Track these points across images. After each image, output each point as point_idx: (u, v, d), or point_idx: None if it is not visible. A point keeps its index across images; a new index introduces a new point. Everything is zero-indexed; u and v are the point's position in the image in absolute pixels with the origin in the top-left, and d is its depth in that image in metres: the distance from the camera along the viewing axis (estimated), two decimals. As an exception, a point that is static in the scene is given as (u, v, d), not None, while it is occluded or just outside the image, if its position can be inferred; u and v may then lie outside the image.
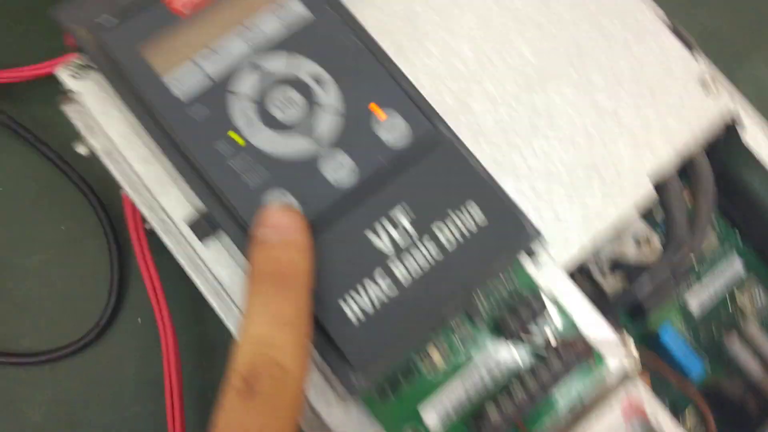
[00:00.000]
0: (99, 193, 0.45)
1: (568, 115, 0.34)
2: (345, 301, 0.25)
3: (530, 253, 0.28)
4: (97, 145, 0.31)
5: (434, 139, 0.28)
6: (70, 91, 0.30)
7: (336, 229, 0.26)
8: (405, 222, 0.26)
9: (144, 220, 0.31)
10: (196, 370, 0.45)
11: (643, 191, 0.34)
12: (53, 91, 0.47)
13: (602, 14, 0.36)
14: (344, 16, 0.28)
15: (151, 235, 0.35)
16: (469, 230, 0.27)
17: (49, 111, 0.47)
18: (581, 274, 0.37)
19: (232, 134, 0.27)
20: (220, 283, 0.29)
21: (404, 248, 0.26)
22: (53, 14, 0.27)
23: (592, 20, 0.36)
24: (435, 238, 0.26)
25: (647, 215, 0.39)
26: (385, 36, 0.34)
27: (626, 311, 0.38)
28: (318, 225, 0.26)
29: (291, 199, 0.27)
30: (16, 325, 0.44)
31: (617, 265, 0.38)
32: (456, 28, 0.34)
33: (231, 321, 0.30)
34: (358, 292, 0.26)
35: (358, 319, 0.25)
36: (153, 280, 0.43)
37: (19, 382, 0.43)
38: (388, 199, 0.26)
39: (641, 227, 0.41)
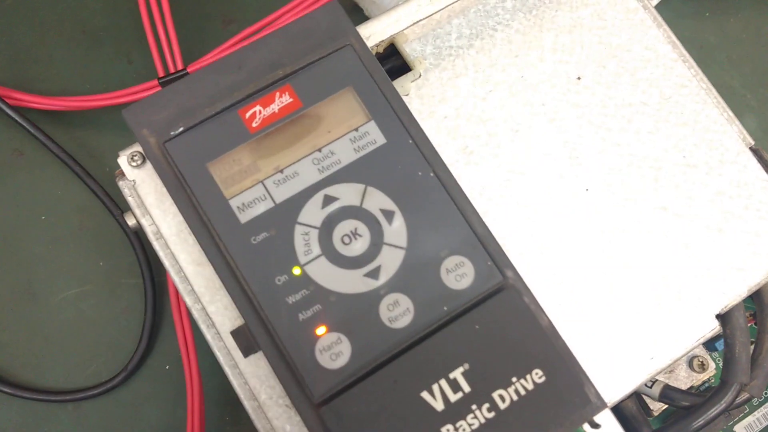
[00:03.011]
0: (141, 233, 0.44)
1: (636, 240, 0.32)
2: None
3: (593, 426, 0.27)
4: (146, 225, 0.30)
5: (501, 287, 0.26)
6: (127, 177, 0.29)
7: (388, 381, 0.25)
8: (465, 386, 0.25)
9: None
10: (219, 423, 0.44)
11: (707, 329, 0.33)
12: (107, 120, 0.47)
13: (686, 135, 0.34)
14: (420, 143, 0.27)
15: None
16: (528, 392, 0.25)
17: (100, 141, 0.47)
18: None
19: (290, 264, 0.25)
20: (255, 397, 0.28)
21: (458, 412, 0.25)
22: (124, 114, 0.26)
23: (674, 140, 0.34)
24: (493, 402, 0.25)
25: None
26: (456, 138, 0.32)
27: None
28: (368, 370, 0.25)
29: (342, 338, 0.25)
30: (44, 358, 0.43)
31: (666, 393, 0.36)
32: (529, 135, 0.33)
33: (261, 424, 0.29)
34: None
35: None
36: (185, 331, 0.42)
37: (43, 419, 0.43)
38: (451, 359, 0.25)
39: (697, 351, 0.39)
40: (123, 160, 0.29)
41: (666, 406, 0.38)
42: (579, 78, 0.35)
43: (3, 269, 0.43)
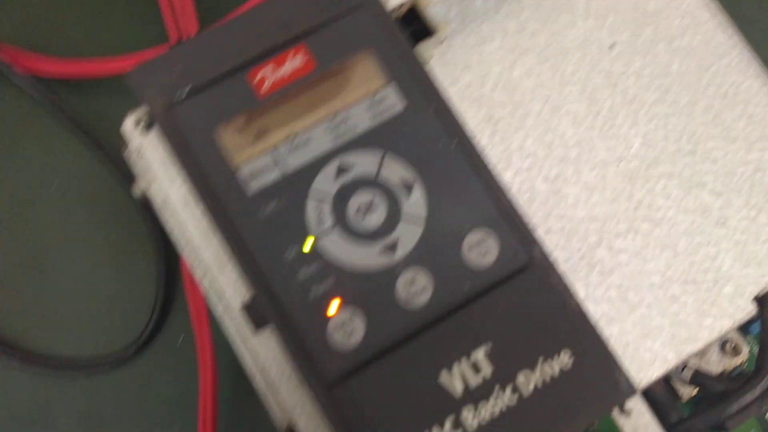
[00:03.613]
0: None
1: (670, 216, 0.30)
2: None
3: (623, 410, 0.25)
4: (155, 196, 0.29)
5: (527, 265, 0.24)
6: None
7: (405, 361, 0.23)
8: (487, 368, 0.23)
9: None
10: (233, 398, 0.43)
11: (744, 312, 0.31)
12: (119, 86, 0.46)
13: (726, 107, 0.32)
14: (442, 111, 0.25)
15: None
16: (554, 376, 0.24)
17: (112, 107, 0.45)
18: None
19: (301, 238, 0.24)
20: (267, 374, 0.27)
21: (480, 395, 0.23)
22: (127, 78, 0.24)
23: (713, 113, 0.32)
24: (516, 386, 0.23)
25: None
26: (481, 107, 0.31)
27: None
28: (383, 351, 0.24)
29: (356, 316, 0.24)
30: (54, 329, 0.43)
31: (698, 378, 0.35)
32: (559, 105, 0.31)
33: (271, 401, 0.28)
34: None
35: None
36: (197, 304, 0.41)
37: (55, 391, 0.42)
38: (471, 338, 0.23)
39: (731, 334, 0.37)
40: (128, 124, 0.27)
41: (695, 391, 0.36)
42: (612, 45, 0.32)
43: (13, 238, 0.42)
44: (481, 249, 0.25)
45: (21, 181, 0.44)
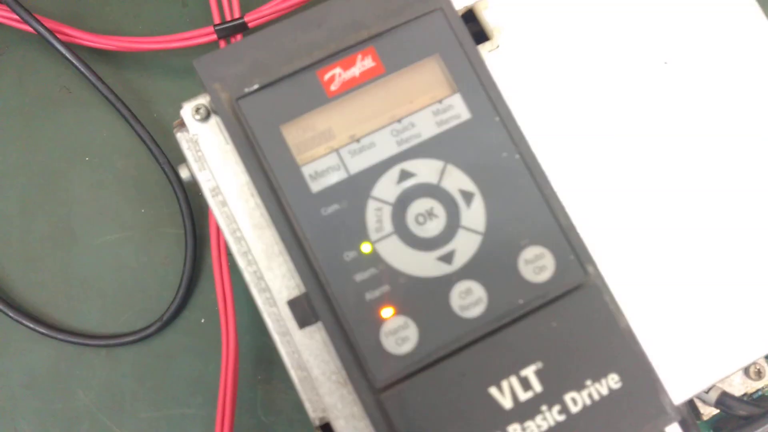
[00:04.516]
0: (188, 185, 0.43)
1: (716, 244, 0.30)
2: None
3: (664, 436, 0.25)
4: (203, 181, 0.29)
5: (581, 284, 0.24)
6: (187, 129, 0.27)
7: (455, 372, 0.23)
8: (536, 385, 0.23)
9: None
10: (252, 381, 0.43)
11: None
12: (158, 64, 0.45)
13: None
14: (507, 122, 0.25)
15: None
16: (602, 397, 0.24)
17: (149, 85, 0.45)
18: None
19: (360, 240, 0.24)
20: (304, 368, 0.27)
21: (527, 412, 0.23)
22: (196, 65, 0.24)
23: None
24: (564, 405, 0.23)
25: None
26: (532, 119, 0.30)
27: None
28: (435, 359, 0.24)
29: (410, 323, 0.24)
30: (79, 302, 0.43)
31: (722, 401, 0.35)
32: (610, 120, 0.31)
33: (307, 395, 0.28)
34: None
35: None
36: (224, 286, 0.41)
37: (75, 362, 0.42)
38: (523, 355, 0.23)
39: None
40: (186, 112, 0.27)
41: (716, 411, 0.37)
42: (666, 63, 0.32)
43: (44, 209, 0.42)
44: (538, 264, 0.25)
45: (54, 152, 0.44)
